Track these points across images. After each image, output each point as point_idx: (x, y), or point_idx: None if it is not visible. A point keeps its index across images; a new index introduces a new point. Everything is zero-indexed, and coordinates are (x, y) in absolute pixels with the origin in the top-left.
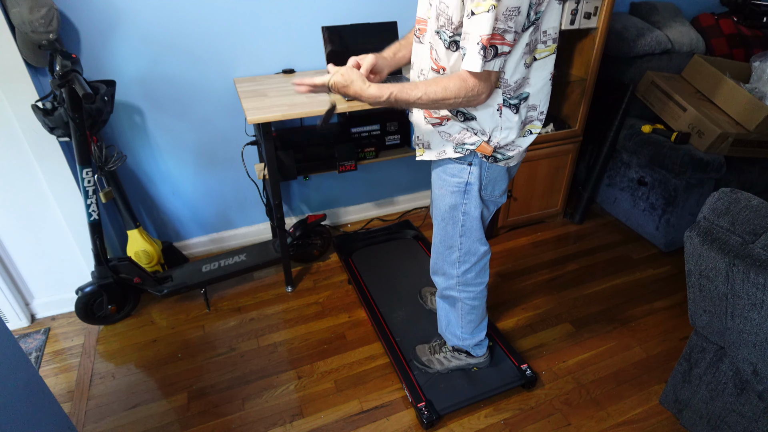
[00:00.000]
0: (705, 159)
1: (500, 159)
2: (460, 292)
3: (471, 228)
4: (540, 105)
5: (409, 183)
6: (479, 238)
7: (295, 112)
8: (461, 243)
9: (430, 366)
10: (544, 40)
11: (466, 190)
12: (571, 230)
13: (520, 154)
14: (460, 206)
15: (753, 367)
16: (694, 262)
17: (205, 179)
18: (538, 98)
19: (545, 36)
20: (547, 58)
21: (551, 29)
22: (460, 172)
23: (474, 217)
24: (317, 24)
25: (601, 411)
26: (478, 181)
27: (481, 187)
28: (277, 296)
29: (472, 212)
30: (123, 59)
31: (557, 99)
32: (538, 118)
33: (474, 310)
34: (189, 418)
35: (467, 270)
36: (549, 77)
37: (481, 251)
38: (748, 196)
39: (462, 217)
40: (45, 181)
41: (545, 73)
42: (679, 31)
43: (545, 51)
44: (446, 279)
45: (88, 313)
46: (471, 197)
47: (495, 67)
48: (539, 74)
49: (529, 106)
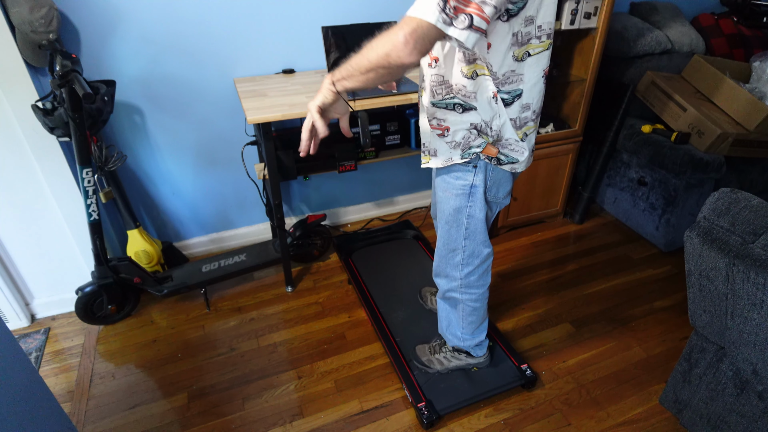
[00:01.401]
0: (705, 159)
1: (504, 162)
2: (462, 294)
3: (475, 230)
4: (533, 104)
5: (409, 183)
6: (483, 240)
7: (295, 112)
8: (465, 246)
9: (430, 366)
10: (538, 35)
11: (471, 193)
12: (571, 230)
13: (526, 160)
14: (464, 209)
15: (753, 367)
16: (694, 262)
17: (205, 179)
18: (531, 96)
19: (540, 31)
20: (541, 54)
21: (546, 24)
22: (465, 175)
23: (478, 220)
24: (317, 24)
25: (601, 411)
26: (483, 183)
27: (486, 189)
28: (277, 296)
29: (477, 215)
30: (123, 59)
31: (557, 99)
32: (532, 119)
33: (475, 312)
34: (189, 418)
35: (470, 272)
36: (542, 74)
37: (485, 253)
38: (748, 196)
39: (466, 220)
40: (45, 181)
41: (539, 70)
42: (679, 31)
43: (539, 47)
44: (449, 281)
45: (88, 313)
46: (476, 200)
47: (468, 41)
48: (533, 71)
49: (523, 105)
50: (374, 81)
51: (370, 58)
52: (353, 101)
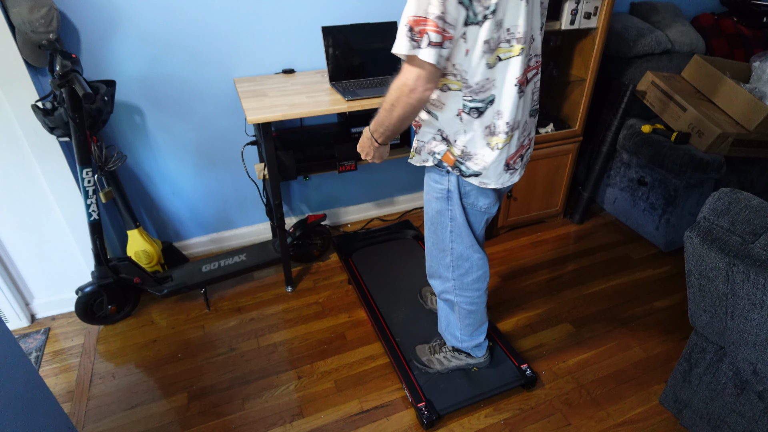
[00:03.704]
0: (705, 159)
1: (467, 174)
2: (456, 296)
3: (461, 234)
4: (506, 113)
5: (409, 183)
6: (471, 244)
7: (295, 112)
8: (453, 248)
9: (430, 366)
10: (507, 39)
11: (448, 197)
12: (571, 230)
13: (497, 176)
14: (446, 212)
15: (753, 367)
16: (694, 262)
17: (205, 179)
18: (503, 104)
19: (509, 34)
20: (512, 60)
21: (514, 27)
22: (441, 179)
23: (461, 223)
24: (317, 24)
25: (601, 411)
26: (456, 189)
27: (461, 196)
28: (277, 296)
29: (459, 218)
30: (123, 59)
31: (557, 99)
32: (505, 131)
33: (471, 315)
34: (189, 418)
35: (462, 275)
36: (515, 82)
37: (474, 258)
38: (748, 196)
39: (450, 223)
40: (45, 181)
41: (510, 77)
42: (679, 31)
43: (509, 51)
44: (442, 282)
45: (88, 313)
46: (454, 204)
47: (430, 57)
48: (504, 76)
49: (496, 112)
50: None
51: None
52: (352, 101)
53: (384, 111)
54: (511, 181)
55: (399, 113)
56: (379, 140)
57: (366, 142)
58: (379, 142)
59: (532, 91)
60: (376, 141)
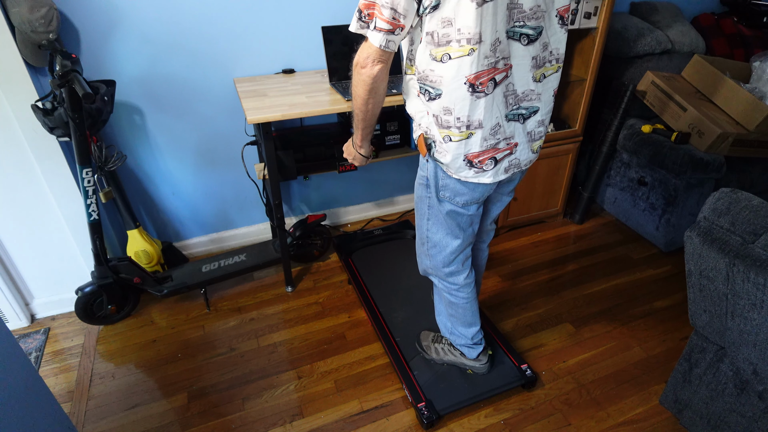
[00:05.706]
0: (705, 159)
1: (440, 161)
2: (440, 281)
3: (438, 222)
4: (456, 110)
5: (409, 183)
6: (449, 231)
7: (295, 112)
8: (428, 236)
9: (428, 351)
10: (458, 39)
11: (427, 185)
12: (571, 230)
13: (456, 168)
14: (425, 199)
15: (753, 367)
16: (694, 262)
17: (205, 179)
18: (452, 101)
19: (459, 34)
20: (462, 59)
21: (465, 28)
22: (423, 166)
23: (439, 212)
24: (317, 24)
25: (601, 411)
26: (434, 178)
27: (438, 189)
28: (277, 296)
29: (435, 206)
30: (123, 59)
31: (557, 99)
32: (456, 126)
33: (453, 306)
34: (189, 418)
35: (437, 265)
36: (464, 81)
37: (453, 245)
38: (748, 196)
39: (427, 210)
40: (45, 181)
41: (460, 76)
42: (679, 31)
43: (459, 51)
44: (424, 266)
45: (88, 313)
46: (432, 192)
47: (375, 40)
48: (452, 74)
49: (444, 108)
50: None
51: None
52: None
53: (352, 94)
54: (480, 180)
55: (357, 92)
56: (359, 134)
57: (349, 143)
58: (360, 137)
59: (504, 94)
60: (357, 140)
